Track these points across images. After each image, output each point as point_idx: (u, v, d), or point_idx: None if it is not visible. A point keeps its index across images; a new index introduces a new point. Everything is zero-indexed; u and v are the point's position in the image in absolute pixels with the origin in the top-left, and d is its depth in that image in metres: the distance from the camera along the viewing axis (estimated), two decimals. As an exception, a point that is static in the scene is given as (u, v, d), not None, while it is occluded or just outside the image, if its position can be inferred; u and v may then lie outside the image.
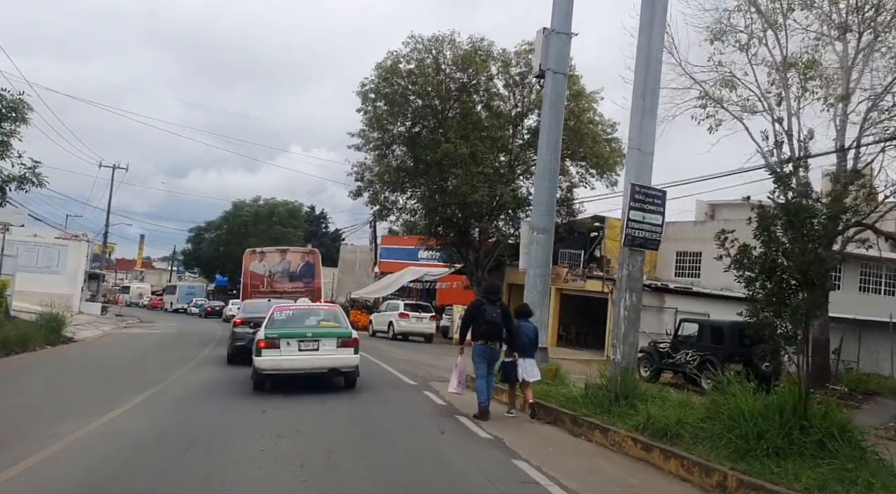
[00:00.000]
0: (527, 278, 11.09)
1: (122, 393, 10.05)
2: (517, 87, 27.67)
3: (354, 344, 10.50)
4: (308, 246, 34.90)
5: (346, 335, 10.54)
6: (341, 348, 10.37)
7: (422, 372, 13.93)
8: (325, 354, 10.27)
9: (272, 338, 10.12)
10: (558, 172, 11.06)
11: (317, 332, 10.43)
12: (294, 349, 10.15)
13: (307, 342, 10.24)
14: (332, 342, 10.33)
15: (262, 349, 10.06)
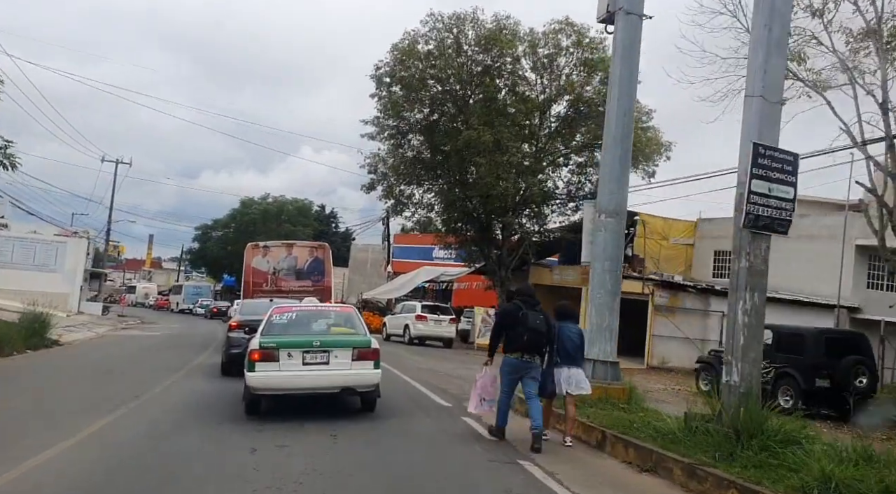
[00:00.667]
0: (591, 274, 8.88)
1: (81, 414, 7.97)
2: (545, 71, 25.42)
3: (374, 356, 8.27)
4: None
5: (363, 344, 8.33)
6: (358, 361, 8.12)
7: (453, 388, 11.69)
8: (336, 369, 8.06)
9: (269, 348, 7.92)
10: (632, 138, 8.79)
11: (326, 341, 8.26)
12: (297, 362, 7.95)
13: (314, 353, 8.02)
14: (345, 353, 8.12)
15: (255, 362, 7.86)
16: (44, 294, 33.39)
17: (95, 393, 9.97)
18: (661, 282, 23.06)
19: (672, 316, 22.30)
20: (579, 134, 26.43)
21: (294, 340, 8.17)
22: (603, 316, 8.70)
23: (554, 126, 26.25)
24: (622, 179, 8.68)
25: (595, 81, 25.33)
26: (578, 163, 27.81)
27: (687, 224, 30.03)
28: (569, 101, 25.66)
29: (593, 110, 25.34)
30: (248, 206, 61.13)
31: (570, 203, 28.30)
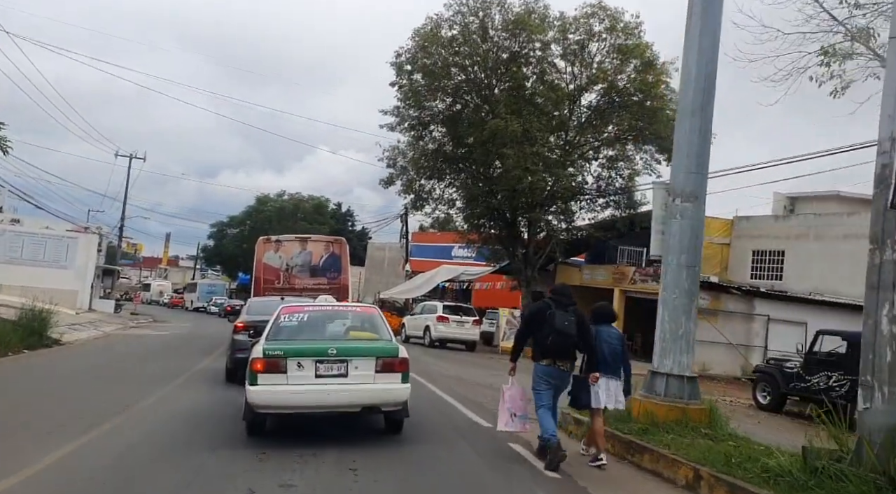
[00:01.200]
0: (663, 271, 7.38)
1: (56, 432, 6.71)
2: (576, 58, 23.90)
3: (403, 367, 6.80)
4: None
5: (389, 352, 6.87)
6: (382, 374, 6.66)
7: (487, 401, 10.22)
8: (356, 383, 6.61)
9: (275, 356, 6.51)
10: (713, 107, 7.27)
11: (345, 348, 6.81)
12: (308, 374, 6.53)
13: (329, 363, 6.59)
14: (367, 364, 6.68)
15: (258, 373, 6.45)
16: (53, 291, 32.54)
17: (81, 403, 8.70)
18: (703, 284, 21.42)
19: (714, 320, 20.69)
20: (611, 125, 24.90)
21: (305, 347, 6.78)
22: (678, 321, 7.18)
23: (585, 116, 24.72)
24: (702, 156, 7.12)
25: (629, 69, 23.80)
26: (609, 156, 26.28)
27: (722, 222, 28.35)
28: (601, 90, 24.13)
29: (627, 100, 23.84)
30: (264, 203, 60.28)
31: (599, 199, 26.78)
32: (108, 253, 51.84)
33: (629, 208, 26.30)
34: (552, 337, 6.25)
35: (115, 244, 51.59)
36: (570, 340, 6.30)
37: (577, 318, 6.38)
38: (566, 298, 6.54)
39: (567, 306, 6.44)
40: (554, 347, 6.30)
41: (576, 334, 6.30)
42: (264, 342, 6.93)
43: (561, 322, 6.26)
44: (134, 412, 8.15)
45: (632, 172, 26.07)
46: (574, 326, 6.31)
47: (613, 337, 6.64)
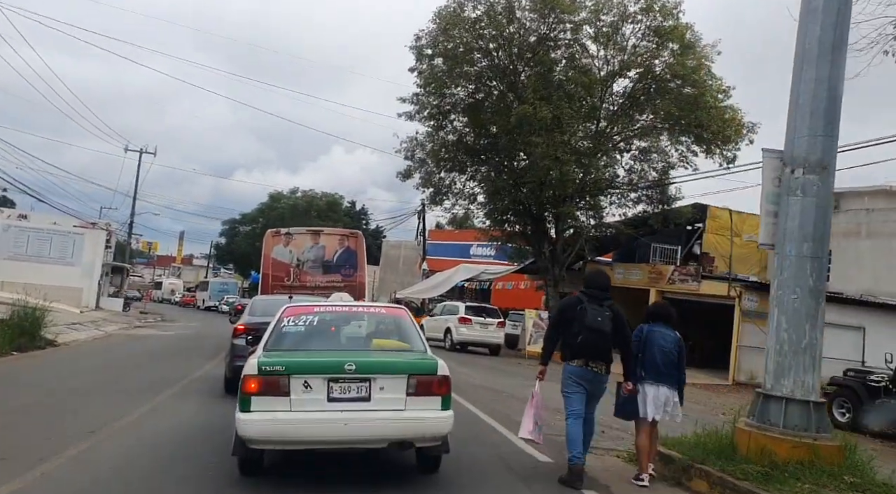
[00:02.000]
0: (778, 264, 5.71)
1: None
2: (609, 41, 22.22)
3: (443, 388, 5.14)
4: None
5: (426, 368, 5.19)
6: (418, 397, 5.02)
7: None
8: (383, 410, 4.98)
9: (274, 373, 4.90)
10: (845, 54, 5.60)
11: (367, 362, 5.16)
12: (318, 397, 4.93)
13: (347, 382, 4.98)
14: (397, 384, 5.04)
15: (251, 395, 4.86)
16: (57, 288, 31.36)
17: (48, 420, 7.24)
18: (751, 284, 19.70)
19: (763, 324, 18.78)
20: (645, 113, 23.22)
21: (314, 361, 5.18)
22: (800, 328, 5.51)
23: (619, 104, 23.04)
24: (832, 112, 5.39)
25: (666, 53, 22.09)
26: (641, 148, 24.60)
27: (759, 219, 26.52)
28: (636, 76, 22.43)
29: (663, 86, 22.13)
30: (277, 201, 59.20)
31: (630, 194, 25.10)
32: (119, 251, 50.95)
33: (662, 203, 24.64)
34: (583, 335, 5.60)
35: (126, 241, 50.65)
36: (604, 338, 5.65)
37: (613, 314, 5.71)
38: (601, 291, 5.86)
39: (602, 300, 5.78)
40: (585, 346, 5.65)
41: (611, 332, 5.64)
42: (261, 353, 5.31)
43: (593, 318, 5.61)
44: (106, 435, 6.64)
45: (666, 165, 24.42)
46: (609, 322, 5.63)
47: (669, 340, 5.84)
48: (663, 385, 5.77)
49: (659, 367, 5.77)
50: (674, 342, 5.89)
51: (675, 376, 5.84)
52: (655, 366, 5.77)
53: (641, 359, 5.83)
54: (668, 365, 5.80)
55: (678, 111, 21.38)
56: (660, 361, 5.78)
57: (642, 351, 5.85)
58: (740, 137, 21.77)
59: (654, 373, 5.77)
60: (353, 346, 5.82)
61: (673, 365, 5.82)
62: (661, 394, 5.76)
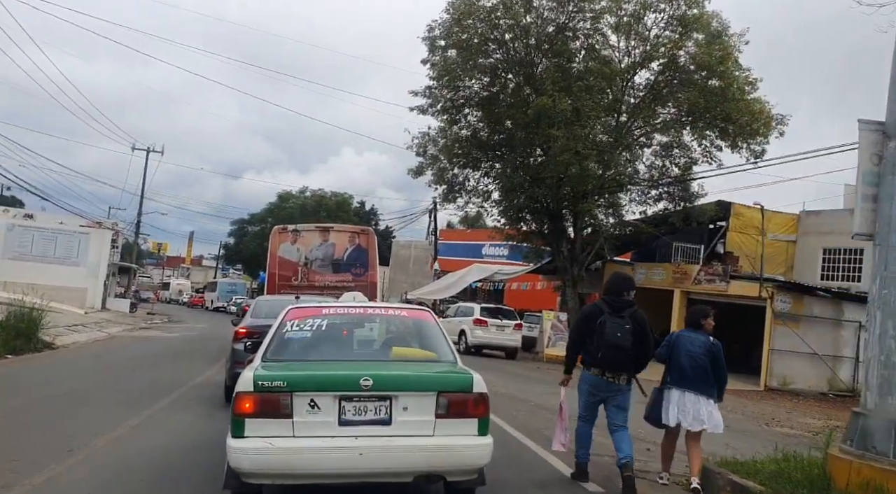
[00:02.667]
0: (880, 258, 4.78)
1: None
2: (630, 30, 21.26)
3: (480, 409, 4.25)
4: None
5: (459, 384, 4.32)
6: (449, 419, 4.14)
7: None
8: (407, 436, 4.10)
9: (273, 389, 4.05)
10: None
11: (386, 376, 4.28)
12: (327, 419, 4.06)
13: (362, 401, 4.10)
14: (424, 403, 4.17)
15: (245, 417, 4.01)
16: (62, 288, 30.74)
17: (20, 436, 6.42)
18: (784, 285, 18.69)
19: (795, 326, 17.93)
20: (668, 106, 22.25)
21: (322, 375, 4.29)
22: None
23: (640, 96, 22.08)
24: None
25: (690, 43, 21.11)
26: (663, 143, 23.63)
27: (787, 217, 25.58)
28: (660, 67, 21.46)
29: (687, 78, 21.13)
30: (286, 200, 58.46)
31: (651, 191, 24.12)
32: (128, 251, 50.38)
33: (684, 201, 23.63)
34: (602, 351, 5.48)
35: (133, 241, 50.12)
36: (624, 353, 5.46)
37: (635, 324, 5.51)
38: (621, 299, 5.65)
39: (623, 310, 5.57)
40: (605, 362, 5.55)
41: (631, 347, 5.45)
42: (258, 364, 4.44)
43: (612, 333, 5.45)
44: (84, 455, 5.78)
45: (688, 161, 23.41)
46: (629, 336, 5.44)
47: (697, 345, 5.60)
48: (690, 391, 5.54)
49: (686, 372, 5.55)
50: (702, 346, 5.61)
51: (708, 383, 5.56)
52: (682, 372, 5.57)
53: (669, 365, 5.72)
54: (696, 370, 5.53)
55: (705, 102, 20.38)
56: (687, 366, 5.55)
57: (670, 356, 5.72)
58: (769, 130, 20.74)
59: (679, 379, 5.59)
60: (370, 356, 4.94)
61: (702, 370, 5.55)
62: (688, 401, 5.54)
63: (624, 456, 5.43)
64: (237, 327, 9.31)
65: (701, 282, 20.35)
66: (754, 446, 8.72)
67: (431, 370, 4.59)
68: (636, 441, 7.89)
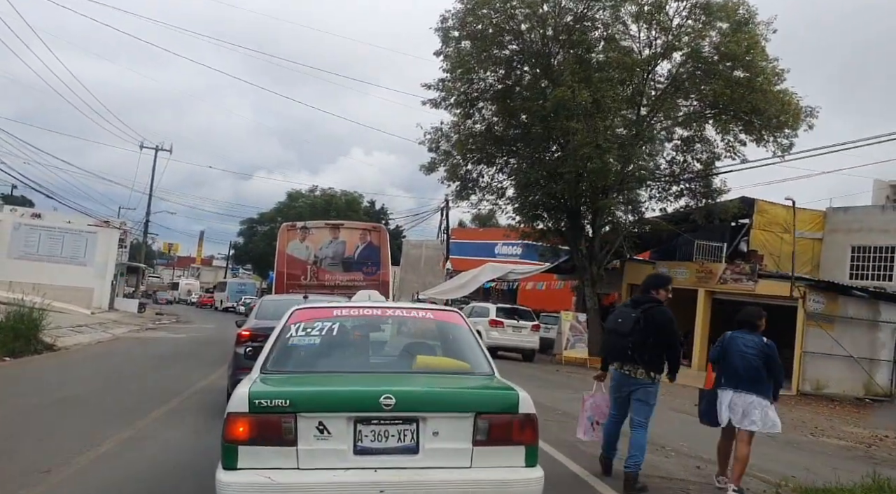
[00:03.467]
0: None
1: None
2: (652, 19, 20.44)
3: (527, 433, 3.45)
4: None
5: (501, 403, 3.52)
6: (489, 447, 3.34)
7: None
8: (437, 467, 3.29)
9: (273, 409, 3.26)
10: None
11: (411, 393, 3.48)
12: (340, 446, 3.28)
13: (383, 424, 3.32)
14: (458, 426, 3.37)
15: (239, 443, 3.22)
16: (68, 288, 30.29)
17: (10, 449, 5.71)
18: (817, 284, 17.80)
19: (829, 328, 17.05)
20: (692, 97, 21.43)
21: (334, 392, 3.53)
22: None
23: (662, 89, 21.25)
24: None
25: (714, 33, 20.27)
26: (684, 137, 22.80)
27: (813, 214, 24.62)
28: (683, 57, 20.62)
29: (711, 69, 20.29)
30: (296, 199, 57.94)
31: (672, 187, 23.29)
32: (138, 251, 49.97)
33: (706, 197, 22.79)
34: (606, 337, 5.95)
35: (142, 240, 49.68)
36: (623, 340, 5.61)
37: (646, 318, 5.55)
38: (645, 295, 5.81)
39: (640, 304, 5.73)
40: (608, 348, 5.98)
41: (630, 334, 5.54)
42: (256, 377, 3.70)
43: (614, 319, 5.85)
44: (61, 478, 5.05)
45: (711, 156, 22.58)
46: (629, 324, 5.58)
47: (750, 345, 5.60)
48: (743, 391, 5.55)
49: (739, 373, 5.59)
50: (755, 347, 5.61)
51: (762, 383, 5.55)
52: (735, 372, 5.61)
53: (721, 365, 5.78)
54: (749, 371, 5.56)
55: (731, 93, 19.52)
56: (740, 367, 5.58)
57: (723, 357, 5.79)
58: (798, 123, 19.86)
59: (733, 380, 5.62)
60: (390, 367, 4.19)
61: (756, 370, 5.54)
62: (741, 401, 5.55)
63: (630, 462, 5.47)
64: (240, 329, 8.57)
65: (727, 281, 19.47)
66: (807, 460, 7.95)
67: (467, 384, 3.83)
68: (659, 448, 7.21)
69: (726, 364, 5.71)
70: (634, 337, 5.51)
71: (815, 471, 6.71)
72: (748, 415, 5.49)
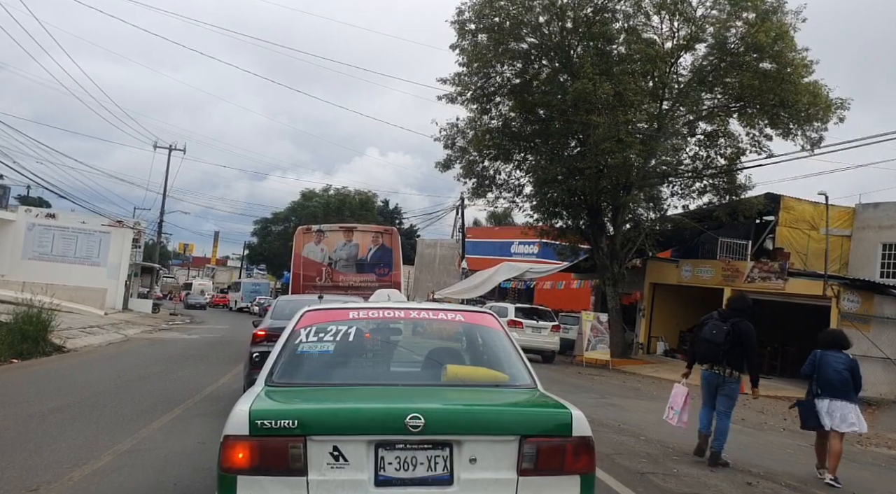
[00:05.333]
0: None
1: None
2: (675, 10, 19.78)
3: (582, 460, 2.84)
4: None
5: (552, 424, 2.91)
6: (538, 477, 2.75)
7: (646, 464, 6.33)
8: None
9: (278, 431, 2.68)
10: None
11: (442, 413, 2.89)
12: (358, 476, 2.69)
13: (409, 450, 2.73)
14: (500, 452, 2.78)
15: (238, 473, 2.65)
16: (81, 289, 30.10)
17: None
18: (851, 282, 17.06)
19: (865, 329, 16.29)
20: (716, 90, 20.73)
21: (351, 410, 2.96)
22: None
23: (685, 81, 20.57)
24: None
25: (739, 23, 19.56)
26: (708, 132, 22.11)
27: (840, 210, 23.78)
28: (707, 48, 19.94)
29: (737, 60, 19.58)
30: (309, 199, 57.65)
31: (695, 183, 22.59)
32: (153, 252, 49.88)
33: (730, 194, 22.07)
34: (700, 344, 7.09)
35: (156, 240, 49.61)
36: (716, 348, 6.79)
37: (731, 328, 6.75)
38: (731, 311, 7.06)
39: (729, 318, 6.90)
40: (702, 353, 7.04)
41: (722, 342, 6.71)
42: (261, 390, 3.14)
43: (708, 331, 6.92)
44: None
45: (735, 151, 21.84)
46: (722, 335, 6.74)
47: (841, 363, 6.82)
48: (837, 399, 6.66)
49: (834, 385, 6.69)
50: (846, 365, 6.80)
51: (850, 391, 6.71)
52: (830, 385, 6.71)
53: (816, 379, 6.84)
54: (842, 383, 6.69)
55: (759, 85, 18.80)
56: (834, 380, 6.69)
57: (817, 371, 6.84)
58: (829, 116, 19.10)
59: (829, 391, 6.70)
60: (416, 380, 3.58)
61: (846, 382, 6.70)
62: (837, 408, 6.64)
63: (715, 443, 6.81)
64: (256, 329, 8.43)
65: (755, 280, 18.75)
66: (861, 474, 7.34)
67: (508, 400, 3.27)
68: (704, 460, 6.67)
69: (821, 378, 6.76)
70: (725, 346, 6.71)
71: (873, 488, 6.14)
72: (846, 419, 6.60)
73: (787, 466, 7.36)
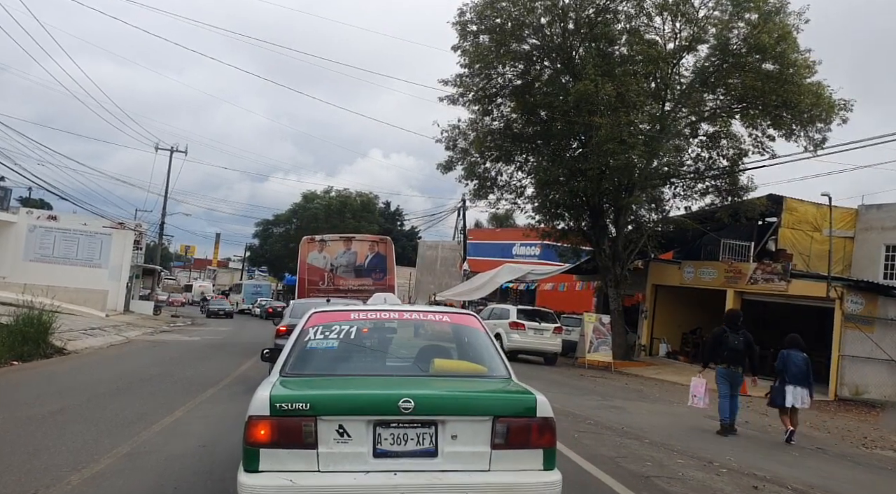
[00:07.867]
0: None
1: None
2: (677, 11, 19.72)
3: (545, 437, 3.46)
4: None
5: (519, 407, 3.51)
6: (507, 450, 3.37)
7: (651, 467, 6.26)
8: (455, 470, 3.32)
9: (294, 413, 3.27)
10: None
11: (430, 397, 3.47)
12: (360, 449, 3.30)
13: (401, 428, 3.34)
14: (477, 430, 3.39)
15: (260, 446, 3.24)
16: (83, 290, 30.06)
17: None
18: (855, 284, 16.98)
19: (869, 330, 16.24)
20: (719, 91, 20.67)
21: (355, 395, 3.53)
22: None
23: (687, 82, 20.51)
24: None
25: (742, 24, 19.50)
26: (710, 133, 22.04)
27: (843, 211, 23.70)
28: (709, 49, 19.88)
29: (740, 60, 19.51)
30: (311, 200, 57.45)
31: (697, 184, 22.52)
32: (155, 254, 49.81)
33: (732, 195, 22.01)
34: (727, 352, 9.33)
35: (157, 242, 49.54)
36: (739, 354, 9.33)
37: (745, 338, 9.39)
38: (736, 325, 9.52)
39: (738, 330, 9.45)
40: (729, 359, 9.32)
41: (743, 350, 9.33)
42: (276, 380, 3.65)
43: (733, 342, 9.34)
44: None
45: (737, 152, 21.79)
46: (742, 345, 9.34)
47: (800, 359, 9.29)
48: (798, 386, 9.15)
49: (797, 376, 9.17)
50: (804, 360, 9.30)
51: (806, 380, 9.22)
52: (794, 376, 9.17)
53: (784, 371, 9.26)
54: (800, 374, 9.20)
55: (762, 86, 18.74)
56: (797, 373, 9.19)
57: (784, 366, 9.28)
58: (832, 116, 19.04)
59: (793, 380, 9.15)
60: (408, 371, 4.10)
61: (803, 374, 9.22)
62: (798, 392, 9.14)
63: (729, 416, 9.21)
64: (278, 326, 10.86)
65: (758, 282, 18.68)
66: (869, 477, 7.27)
67: (484, 388, 3.83)
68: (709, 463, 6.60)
69: (788, 371, 9.21)
70: (743, 351, 9.21)
71: (886, 491, 6.05)
72: (804, 400, 9.19)
73: (792, 470, 7.29)
